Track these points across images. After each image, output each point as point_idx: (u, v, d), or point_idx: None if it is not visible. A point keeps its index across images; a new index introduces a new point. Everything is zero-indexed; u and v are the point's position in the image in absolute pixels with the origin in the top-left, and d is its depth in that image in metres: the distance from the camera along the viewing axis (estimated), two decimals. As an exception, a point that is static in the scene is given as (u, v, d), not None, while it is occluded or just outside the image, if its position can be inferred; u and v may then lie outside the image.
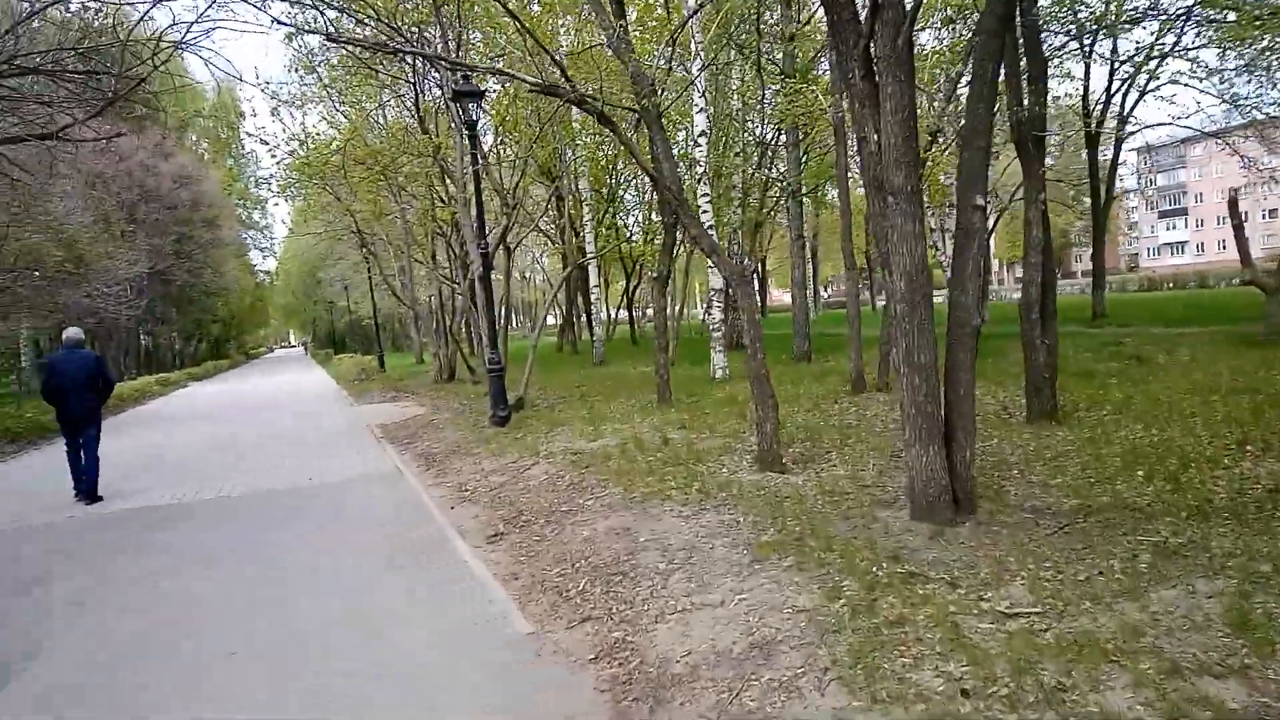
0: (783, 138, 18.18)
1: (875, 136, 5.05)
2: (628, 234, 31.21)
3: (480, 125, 14.73)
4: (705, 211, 13.89)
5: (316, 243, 32.60)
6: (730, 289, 6.73)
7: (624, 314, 39.29)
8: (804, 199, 17.45)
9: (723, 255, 7.12)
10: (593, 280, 23.08)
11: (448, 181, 17.09)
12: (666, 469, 7.31)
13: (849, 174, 11.13)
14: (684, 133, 16.94)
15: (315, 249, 38.10)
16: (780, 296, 65.23)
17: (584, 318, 34.07)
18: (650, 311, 46.20)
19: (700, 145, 13.71)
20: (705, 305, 16.83)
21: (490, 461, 9.08)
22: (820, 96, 12.60)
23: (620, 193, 27.43)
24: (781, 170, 19.42)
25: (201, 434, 14.80)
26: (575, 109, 14.93)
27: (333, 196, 20.33)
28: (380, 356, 29.51)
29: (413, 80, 14.26)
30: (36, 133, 9.64)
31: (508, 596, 4.95)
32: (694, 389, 12.94)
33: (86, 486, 8.96)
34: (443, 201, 19.19)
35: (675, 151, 12.61)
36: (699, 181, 13.74)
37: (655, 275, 11.45)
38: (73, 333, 9.28)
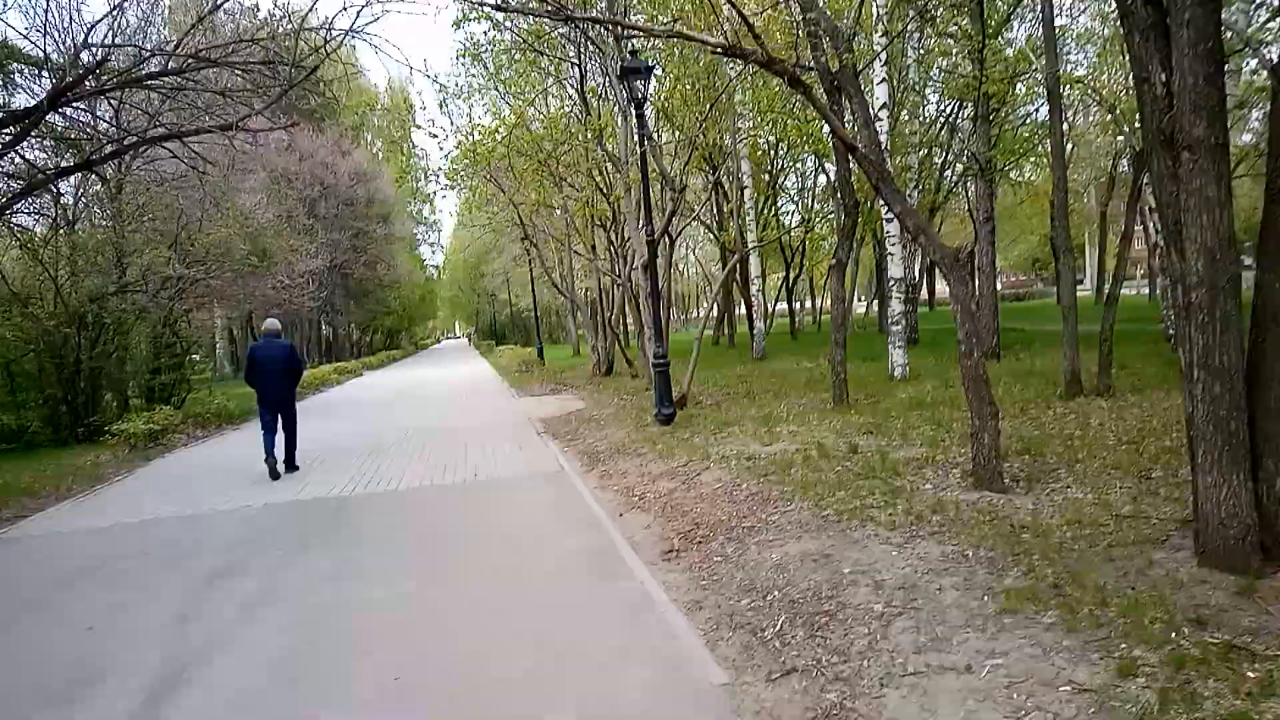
0: (966, 110, 16.62)
1: (1163, 77, 3.97)
2: (788, 222, 30.16)
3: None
4: (887, 194, 12.75)
5: (480, 234, 33.33)
6: (944, 273, 5.71)
7: (781, 306, 38.10)
8: (993, 178, 15.82)
9: (932, 235, 6.13)
10: (753, 270, 22.14)
11: (608, 170, 16.70)
12: (860, 482, 6.41)
13: (1065, 141, 9.73)
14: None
15: (479, 241, 39.11)
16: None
17: (741, 310, 33.22)
18: (811, 305, 44.75)
19: (881, 120, 12.55)
20: (876, 296, 15.62)
21: (657, 464, 8.46)
22: (1028, 54, 11.17)
23: (780, 180, 26.36)
24: (966, 146, 17.80)
25: (375, 423, 15.09)
26: (737, 89, 14.13)
27: (497, 188, 20.42)
28: (540, 349, 29.82)
29: (577, 61, 13.88)
30: (218, 124, 9.80)
31: (692, 629, 4.27)
32: (871, 388, 11.88)
33: (287, 456, 10.15)
34: (602, 193, 18.89)
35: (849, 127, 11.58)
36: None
37: (834, 261, 10.47)
38: (271, 323, 10.39)
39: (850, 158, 9.97)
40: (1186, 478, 4.71)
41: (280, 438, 10.03)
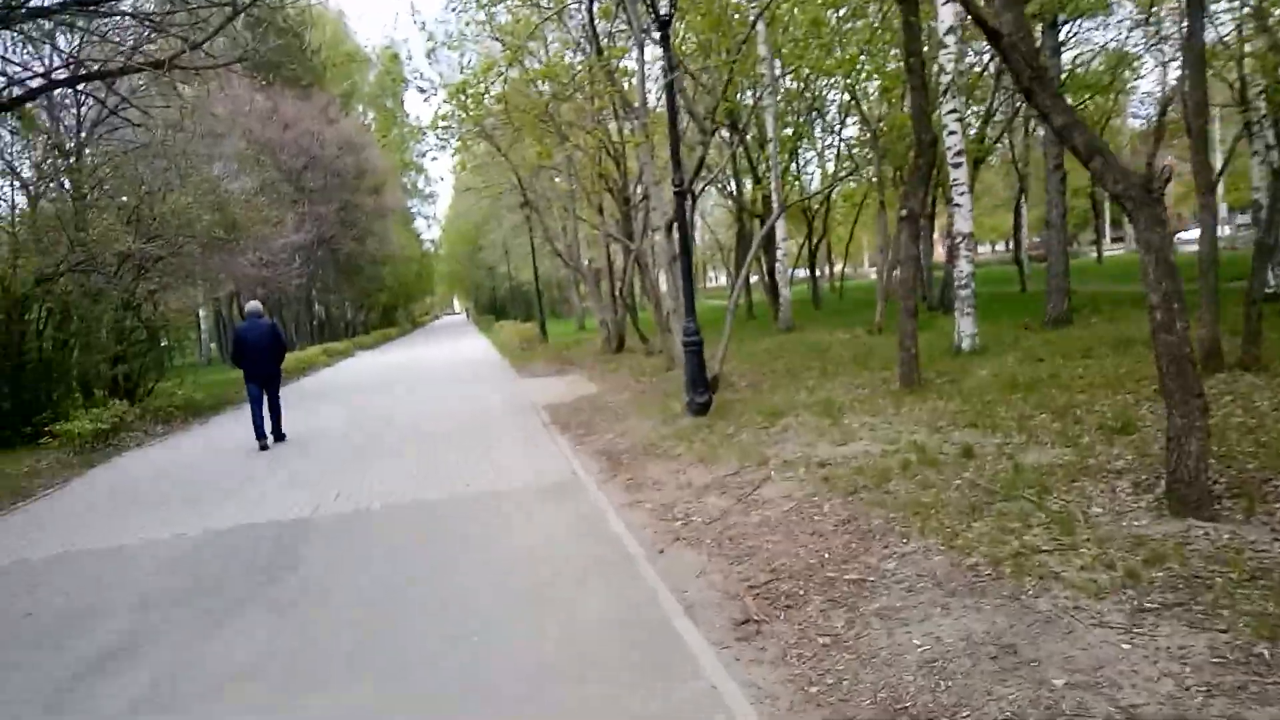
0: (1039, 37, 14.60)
1: None
2: (808, 183, 28.10)
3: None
4: (953, 133, 10.84)
5: (477, 201, 31.36)
6: (1130, 210, 3.85)
7: (798, 272, 36.12)
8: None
9: (1111, 155, 4.27)
10: (779, 234, 20.20)
11: (620, 120, 14.76)
12: (1000, 505, 4.60)
13: (1205, 56, 7.80)
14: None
15: (477, 209, 37.11)
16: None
17: (763, 278, 31.30)
18: (829, 271, 42.41)
19: (948, 46, 10.60)
20: (947, 252, 13.73)
21: (699, 470, 6.65)
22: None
23: (803, 135, 24.29)
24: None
25: (358, 415, 13.29)
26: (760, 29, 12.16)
27: (492, 147, 18.46)
28: (542, 324, 27.92)
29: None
30: (148, 62, 7.92)
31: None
32: (940, 365, 10.02)
33: (274, 429, 10.72)
34: (609, 153, 16.95)
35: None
36: (944, 95, 10.69)
37: (903, 212, 8.59)
38: (253, 305, 11.02)
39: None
40: None
41: (267, 414, 10.60)
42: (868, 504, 4.99)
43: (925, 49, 9.91)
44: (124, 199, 16.11)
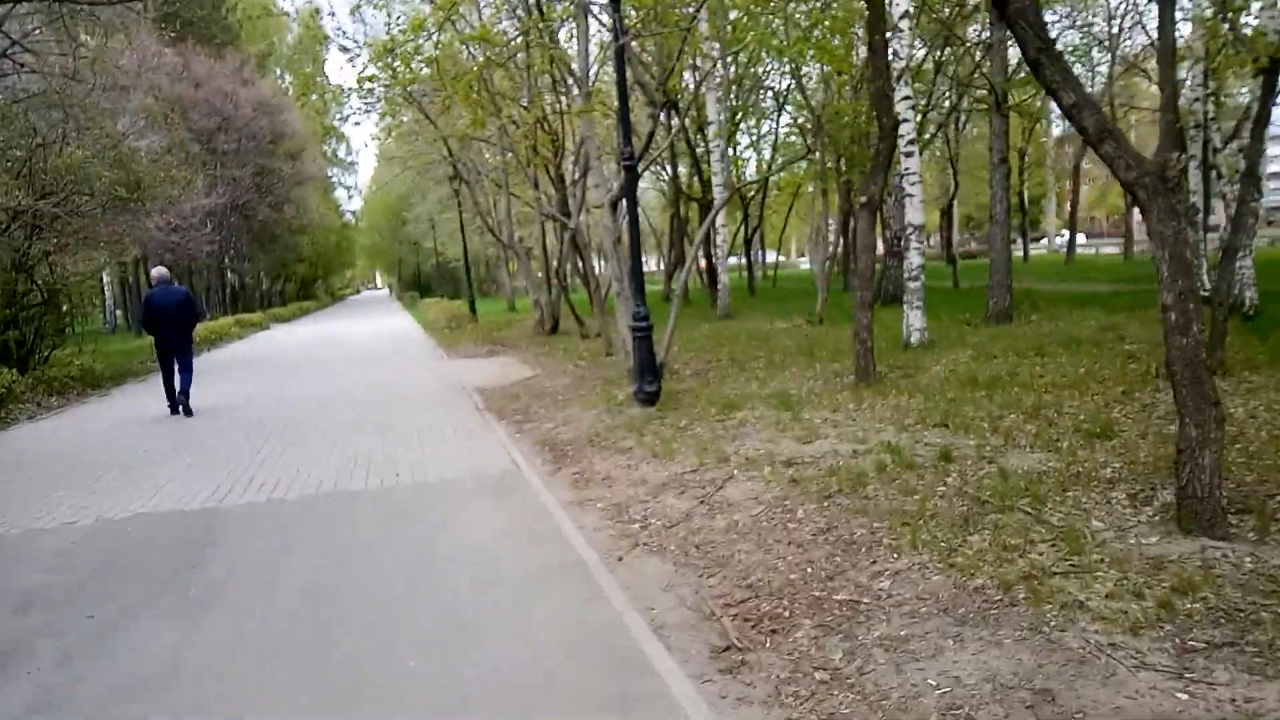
0: (984, 34, 14.50)
1: None
2: (744, 166, 27.81)
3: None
4: (906, 120, 10.56)
5: (401, 172, 30.09)
6: (1142, 200, 3.49)
7: (732, 260, 35.93)
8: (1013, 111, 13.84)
9: (1123, 138, 3.91)
10: (720, 219, 19.81)
11: (560, 92, 14.09)
12: (993, 516, 4.23)
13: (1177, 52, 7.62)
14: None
15: (402, 180, 35.71)
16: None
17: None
18: (761, 258, 42.24)
19: (902, 31, 10.29)
20: (896, 243, 13.38)
21: (653, 466, 6.14)
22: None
23: (739, 119, 23.93)
24: (972, 73, 15.73)
25: (272, 393, 12.36)
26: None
27: (420, 114, 17.54)
28: (472, 302, 26.96)
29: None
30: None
31: None
32: (892, 359, 9.76)
33: (183, 400, 10.41)
34: (545, 129, 16.22)
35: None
36: (898, 81, 10.38)
37: (862, 199, 8.22)
38: (160, 271, 10.81)
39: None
40: None
41: (178, 381, 10.43)
42: (846, 511, 4.57)
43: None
44: (16, 153, 14.62)
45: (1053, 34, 19.10)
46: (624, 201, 9.60)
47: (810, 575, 3.86)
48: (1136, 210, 5.34)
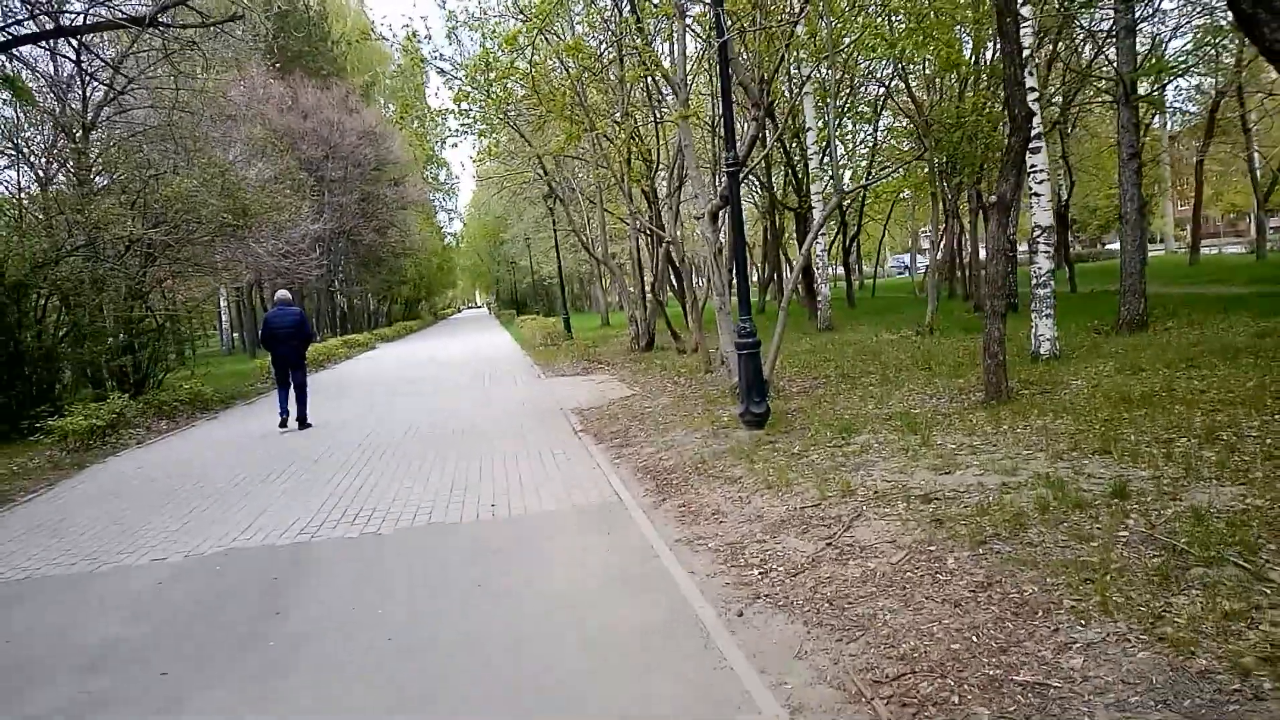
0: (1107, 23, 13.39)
1: None
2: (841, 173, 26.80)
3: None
4: (1034, 113, 9.65)
5: (498, 193, 30.39)
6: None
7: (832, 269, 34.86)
8: (1141, 104, 12.67)
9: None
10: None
11: (656, 99, 13.69)
12: (1194, 568, 3.48)
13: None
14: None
15: (498, 201, 36.18)
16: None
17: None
18: (859, 269, 40.76)
19: (1026, 20, 9.43)
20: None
21: (767, 499, 5.55)
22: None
23: (838, 125, 23.05)
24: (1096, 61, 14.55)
25: (372, 413, 12.32)
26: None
27: (515, 133, 17.45)
28: (566, 319, 26.84)
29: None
30: (125, 18, 6.92)
31: None
32: (1021, 373, 8.88)
33: (299, 414, 11.29)
34: (638, 140, 15.86)
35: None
36: (1024, 71, 9.50)
37: (993, 199, 7.45)
38: (282, 293, 11.73)
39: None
40: None
41: (292, 397, 11.24)
42: (1009, 561, 3.88)
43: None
44: (133, 185, 15.22)
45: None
46: (723, 212, 9.08)
47: (977, 646, 3.21)
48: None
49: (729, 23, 7.74)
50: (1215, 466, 4.82)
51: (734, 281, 8.86)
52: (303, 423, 11.24)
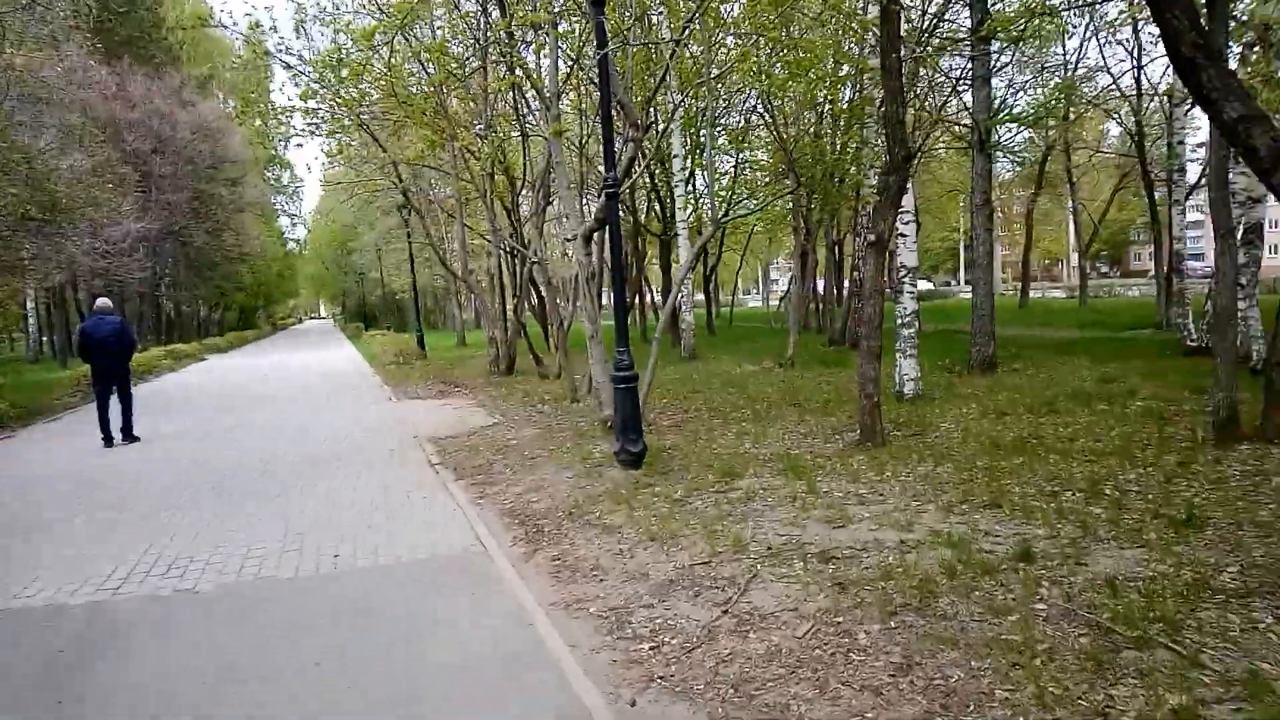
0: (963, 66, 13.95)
1: None
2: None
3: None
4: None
5: (348, 200, 28.75)
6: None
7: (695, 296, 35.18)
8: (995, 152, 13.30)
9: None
10: (682, 254, 18.96)
11: (519, 120, 13.13)
12: (1125, 650, 3.25)
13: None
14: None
15: (348, 209, 34.35)
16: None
17: (649, 298, 30.13)
18: (716, 297, 41.32)
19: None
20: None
21: (652, 553, 5.05)
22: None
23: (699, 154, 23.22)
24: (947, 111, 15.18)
25: (197, 435, 10.99)
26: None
27: (368, 139, 16.38)
28: (420, 336, 25.56)
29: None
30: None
31: None
32: (890, 413, 8.85)
33: (124, 426, 10.69)
34: (501, 158, 15.22)
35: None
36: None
37: (871, 238, 7.36)
38: (103, 301, 11.09)
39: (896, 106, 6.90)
40: None
41: (116, 411, 10.59)
42: (925, 638, 3.55)
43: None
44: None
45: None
46: (599, 234, 8.63)
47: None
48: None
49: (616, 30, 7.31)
50: (1108, 525, 4.74)
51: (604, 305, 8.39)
52: (129, 435, 10.69)
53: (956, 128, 17.14)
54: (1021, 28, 11.62)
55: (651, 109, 16.26)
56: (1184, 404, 8.45)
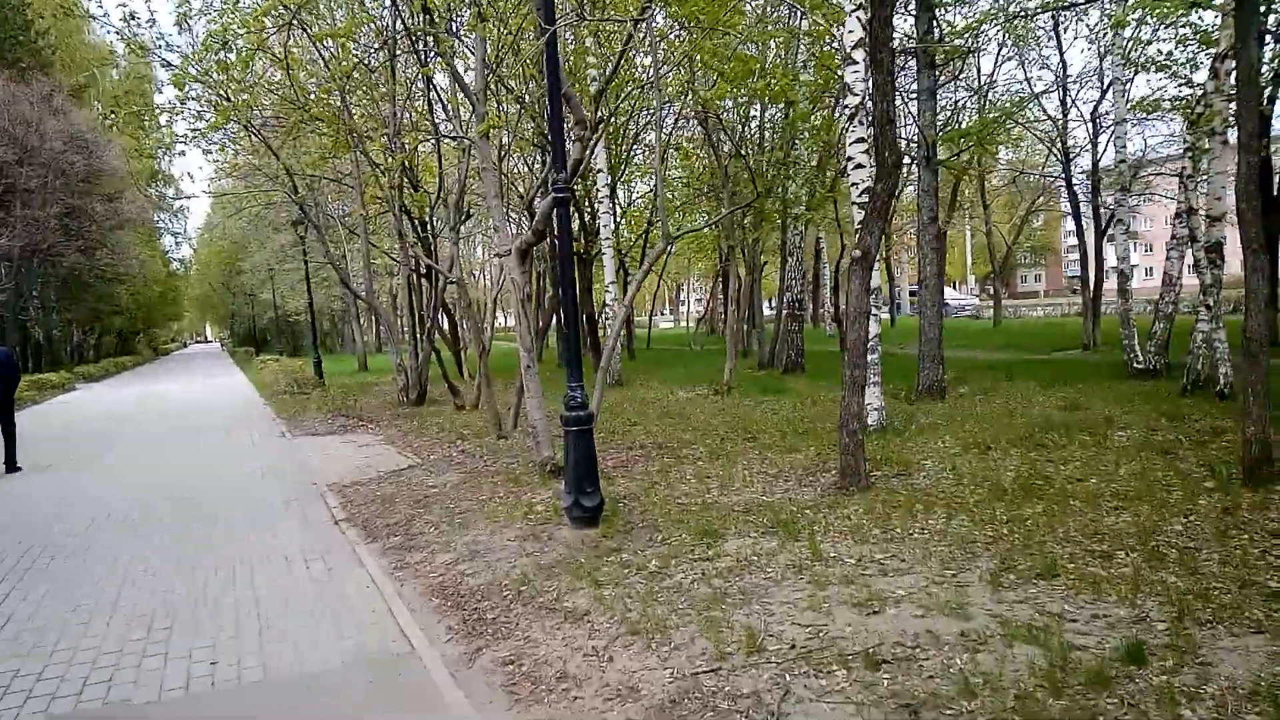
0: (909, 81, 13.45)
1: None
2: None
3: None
4: (860, 167, 9.02)
5: (236, 213, 26.68)
6: None
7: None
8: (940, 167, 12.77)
9: None
10: (608, 275, 17.92)
11: (451, 113, 11.89)
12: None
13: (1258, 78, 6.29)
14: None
15: (236, 226, 31.99)
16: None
17: (577, 320, 28.82)
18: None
19: (856, 62, 8.78)
20: (796, 307, 11.72)
21: (635, 654, 3.90)
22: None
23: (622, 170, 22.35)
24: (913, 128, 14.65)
25: (40, 493, 9.22)
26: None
27: (260, 146, 14.79)
28: (318, 362, 23.63)
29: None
30: None
31: None
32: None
33: (7, 457, 10.59)
34: (410, 167, 13.91)
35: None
36: (850, 121, 8.84)
37: (856, 253, 6.46)
38: None
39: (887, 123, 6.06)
40: None
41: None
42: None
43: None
44: None
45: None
46: (536, 249, 7.47)
47: None
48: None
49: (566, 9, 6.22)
50: (1199, 600, 3.85)
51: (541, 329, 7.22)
52: (11, 465, 10.59)
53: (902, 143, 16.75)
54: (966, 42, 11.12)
55: (598, 108, 15.33)
56: (1167, 433, 7.88)
